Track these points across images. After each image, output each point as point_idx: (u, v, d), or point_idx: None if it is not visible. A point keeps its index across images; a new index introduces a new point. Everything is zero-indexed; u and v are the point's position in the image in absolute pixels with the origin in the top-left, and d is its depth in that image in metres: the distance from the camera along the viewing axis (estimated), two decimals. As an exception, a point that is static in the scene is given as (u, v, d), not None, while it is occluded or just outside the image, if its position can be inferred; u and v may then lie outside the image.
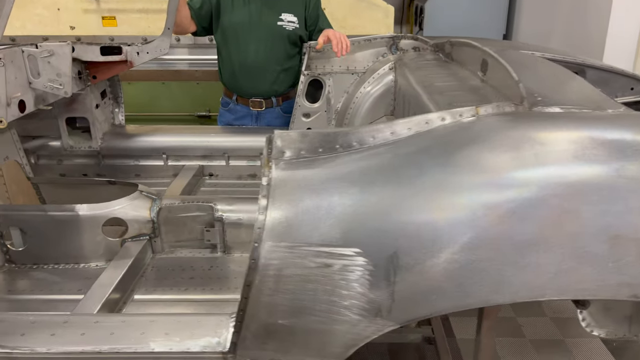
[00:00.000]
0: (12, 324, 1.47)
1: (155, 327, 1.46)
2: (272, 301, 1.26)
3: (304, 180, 1.26)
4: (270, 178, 1.26)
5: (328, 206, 1.23)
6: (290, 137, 1.29)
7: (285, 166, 1.27)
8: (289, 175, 1.26)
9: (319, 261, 1.22)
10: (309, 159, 1.28)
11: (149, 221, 2.33)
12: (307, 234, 1.22)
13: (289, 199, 1.24)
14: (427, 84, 2.21)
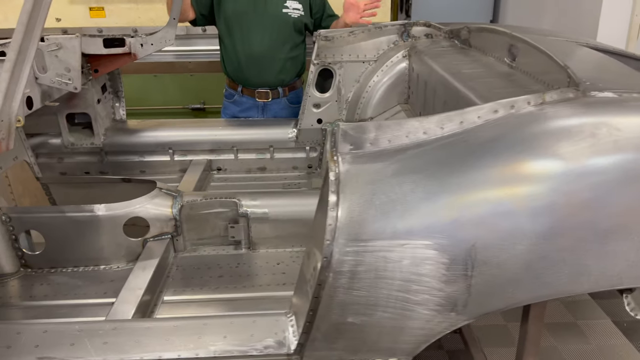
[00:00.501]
0: (58, 334, 1.39)
1: (210, 330, 1.40)
2: (345, 300, 1.22)
3: (375, 173, 1.21)
4: (337, 172, 1.21)
5: (402, 200, 1.18)
6: (356, 129, 1.24)
7: (353, 160, 1.23)
8: (357, 169, 1.21)
9: (393, 256, 1.18)
10: (376, 151, 1.23)
11: (171, 219, 2.25)
12: (381, 229, 1.18)
13: (360, 194, 1.19)
14: (454, 71, 2.17)
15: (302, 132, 3.18)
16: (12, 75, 1.25)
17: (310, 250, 1.36)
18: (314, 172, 3.26)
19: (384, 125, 1.25)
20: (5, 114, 1.29)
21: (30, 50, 1.28)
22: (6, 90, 1.26)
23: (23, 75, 1.29)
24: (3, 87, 1.25)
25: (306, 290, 1.35)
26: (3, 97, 1.25)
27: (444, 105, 2.15)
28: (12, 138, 1.36)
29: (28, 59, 1.28)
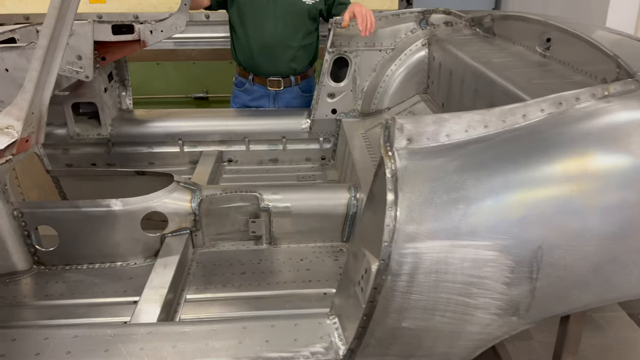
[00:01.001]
0: (90, 339, 1.31)
1: (251, 334, 1.33)
2: (402, 304, 1.15)
3: (435, 170, 1.14)
4: (394, 169, 1.13)
5: (464, 198, 1.11)
6: (412, 122, 1.16)
7: (410, 155, 1.15)
8: (416, 166, 1.14)
9: (455, 258, 1.12)
10: (435, 146, 1.16)
11: (190, 214, 2.17)
12: (443, 230, 1.11)
13: (419, 192, 1.12)
14: (484, 60, 2.10)
15: (316, 122, 3.09)
16: (44, 63, 1.15)
17: (358, 251, 1.29)
18: (327, 164, 3.18)
19: (443, 119, 1.17)
20: (36, 106, 1.19)
21: (63, 36, 1.18)
22: (37, 80, 1.16)
23: (55, 63, 1.19)
24: (34, 76, 1.15)
25: (354, 293, 1.28)
26: (34, 87, 1.15)
27: (474, 95, 2.07)
28: (42, 131, 1.27)
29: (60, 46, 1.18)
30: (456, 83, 2.31)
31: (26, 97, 1.16)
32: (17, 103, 1.17)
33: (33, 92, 1.16)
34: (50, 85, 1.24)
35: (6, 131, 1.12)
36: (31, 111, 1.18)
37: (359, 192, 2.22)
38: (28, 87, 1.15)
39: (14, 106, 1.17)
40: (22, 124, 1.14)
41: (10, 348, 1.28)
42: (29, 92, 1.15)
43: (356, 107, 3.08)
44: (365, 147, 2.63)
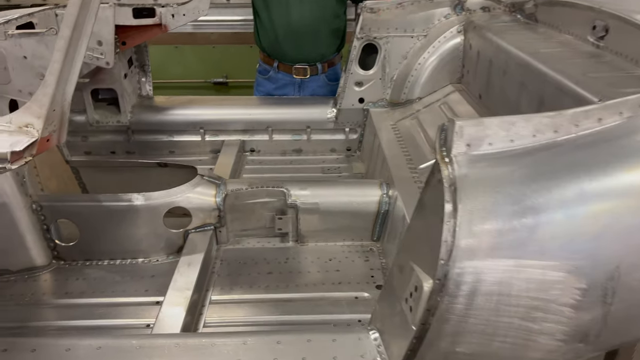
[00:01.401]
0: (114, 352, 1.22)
1: (287, 351, 1.23)
2: (458, 328, 1.04)
3: (498, 179, 1.01)
4: (453, 178, 1.01)
5: (532, 212, 0.99)
6: (474, 126, 1.04)
7: (471, 162, 1.03)
8: (477, 175, 1.02)
9: (520, 280, 1.00)
10: (499, 152, 1.03)
11: (214, 209, 2.07)
12: (507, 247, 0.99)
13: (481, 204, 1.00)
14: (531, 50, 1.94)
15: (342, 112, 2.96)
16: (67, 55, 1.04)
17: (405, 264, 1.17)
18: (353, 155, 3.05)
19: (508, 122, 1.04)
20: (57, 102, 1.09)
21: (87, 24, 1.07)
22: (59, 73, 1.05)
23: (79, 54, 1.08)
24: (56, 69, 1.04)
25: (400, 310, 1.17)
26: (56, 81, 1.05)
27: (520, 88, 1.93)
28: (64, 130, 1.16)
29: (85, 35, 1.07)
30: (497, 74, 2.16)
31: (47, 92, 1.05)
32: (37, 99, 1.07)
33: (55, 87, 1.05)
34: (74, 79, 1.13)
35: (25, 130, 1.02)
36: (52, 108, 1.07)
37: (391, 189, 2.10)
38: (49, 81, 1.05)
39: (34, 102, 1.07)
40: (43, 122, 1.04)
41: None
42: (51, 87, 1.05)
43: (385, 97, 2.94)
44: (395, 139, 2.50)
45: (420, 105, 2.76)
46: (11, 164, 0.99)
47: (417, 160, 2.23)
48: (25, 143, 1.00)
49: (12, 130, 1.02)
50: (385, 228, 2.12)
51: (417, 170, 2.14)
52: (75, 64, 1.09)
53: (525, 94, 1.89)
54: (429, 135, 2.40)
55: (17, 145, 0.99)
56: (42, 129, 1.03)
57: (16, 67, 1.60)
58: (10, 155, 0.98)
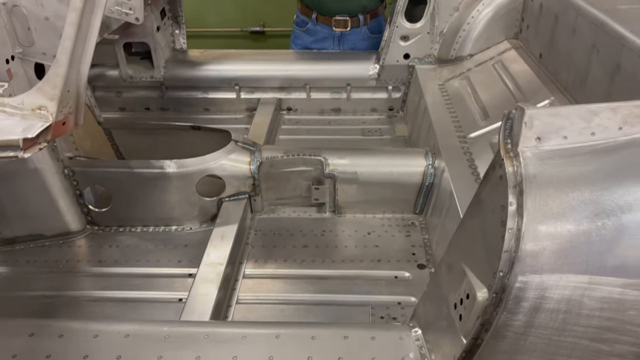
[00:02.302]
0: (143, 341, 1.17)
1: (321, 348, 1.15)
2: (515, 346, 0.92)
3: (575, 180, 0.86)
4: (520, 177, 0.86)
5: (613, 221, 0.84)
6: (547, 115, 0.87)
7: (542, 159, 0.87)
8: (549, 174, 0.86)
9: (593, 298, 0.86)
10: (576, 147, 0.87)
11: (249, 177, 1.97)
12: (581, 261, 0.85)
13: (552, 210, 0.85)
14: (606, 7, 1.70)
15: (385, 68, 2.77)
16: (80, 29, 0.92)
17: (455, 263, 1.05)
18: (395, 116, 2.88)
19: (590, 111, 0.87)
20: (72, 82, 0.98)
21: (100, -7, 0.93)
22: (72, 50, 0.93)
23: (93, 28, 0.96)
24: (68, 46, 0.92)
25: (447, 315, 1.06)
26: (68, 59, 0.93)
27: (591, 51, 1.70)
28: (81, 112, 1.06)
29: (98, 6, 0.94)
30: (564, 32, 1.92)
31: (60, 72, 0.94)
32: (49, 79, 0.96)
33: (68, 66, 0.94)
34: (89, 56, 1.01)
35: (38, 113, 0.92)
36: (67, 88, 0.97)
37: (437, 160, 1.94)
38: (61, 60, 0.93)
39: (46, 83, 0.96)
40: (57, 105, 0.94)
41: (57, 347, 1.16)
42: (63, 67, 0.93)
43: (432, 53, 2.72)
44: (443, 102, 2.31)
45: (472, 63, 2.53)
46: (24, 152, 0.90)
47: (466, 127, 2.05)
48: (39, 128, 0.90)
49: (25, 113, 0.93)
50: (429, 201, 1.99)
51: (467, 140, 1.97)
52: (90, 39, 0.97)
53: (597, 58, 1.67)
54: (481, 98, 2.20)
55: (31, 131, 0.90)
56: (56, 112, 0.93)
57: (38, 28, 1.49)
58: (22, 142, 0.89)
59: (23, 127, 0.90)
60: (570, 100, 1.83)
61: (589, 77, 1.73)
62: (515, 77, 2.18)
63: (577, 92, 1.82)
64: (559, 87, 1.95)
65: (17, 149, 0.89)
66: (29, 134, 0.89)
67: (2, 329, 1.20)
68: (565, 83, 1.91)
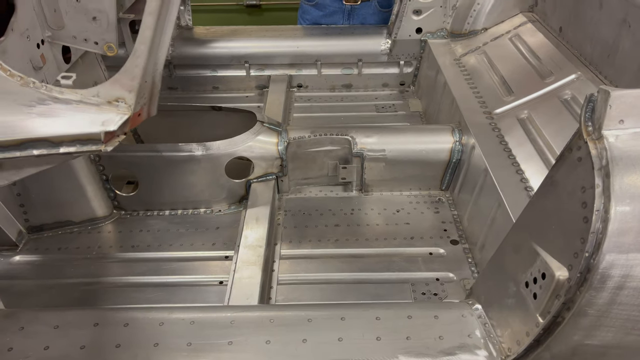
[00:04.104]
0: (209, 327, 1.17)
1: (387, 327, 1.17)
2: (596, 322, 0.95)
3: (660, 163, 0.88)
4: (605, 159, 0.88)
5: (697, 201, 0.86)
6: (631, 97, 0.89)
7: (627, 142, 0.89)
8: (634, 156, 0.88)
9: (674, 275, 0.89)
10: (663, 130, 0.89)
11: (277, 158, 1.96)
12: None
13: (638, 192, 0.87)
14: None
15: (398, 43, 2.75)
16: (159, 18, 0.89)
17: (524, 243, 1.07)
18: (407, 91, 2.88)
19: (674, 93, 0.89)
20: (149, 73, 0.95)
21: (179, -21, 0.90)
22: (151, 40, 0.90)
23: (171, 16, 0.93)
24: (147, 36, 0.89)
25: (516, 293, 1.09)
26: (148, 49, 0.90)
27: (621, 26, 1.71)
28: (155, 102, 1.03)
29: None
30: (589, 6, 1.93)
31: (139, 63, 0.91)
32: (127, 70, 0.93)
33: (147, 57, 0.91)
34: (165, 45, 0.98)
35: (116, 105, 0.90)
36: (144, 79, 0.94)
37: (464, 136, 1.96)
38: (140, 51, 0.90)
39: (124, 74, 0.93)
40: (135, 96, 0.91)
41: (125, 335, 1.16)
42: (142, 57, 0.90)
43: (445, 27, 2.71)
44: (462, 77, 2.31)
45: (487, 37, 2.53)
46: (105, 145, 0.88)
47: (490, 103, 2.06)
48: (118, 122, 0.88)
49: (101, 105, 0.90)
50: (457, 177, 2.01)
51: (493, 116, 1.98)
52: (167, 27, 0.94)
53: (627, 34, 1.68)
54: (501, 72, 2.21)
55: (110, 125, 0.87)
56: (134, 104, 0.90)
57: (69, 11, 1.44)
58: (104, 135, 0.87)
59: (102, 120, 0.88)
60: (597, 75, 1.85)
61: (618, 51, 1.74)
62: (536, 51, 2.19)
63: (604, 67, 1.83)
64: (583, 61, 1.96)
65: (99, 143, 0.87)
66: (109, 127, 0.87)
67: (64, 321, 1.19)
68: (590, 57, 1.92)
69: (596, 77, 1.85)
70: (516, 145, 1.80)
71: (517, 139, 1.83)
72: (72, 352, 1.12)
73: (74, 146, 0.87)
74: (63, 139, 0.87)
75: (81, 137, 0.87)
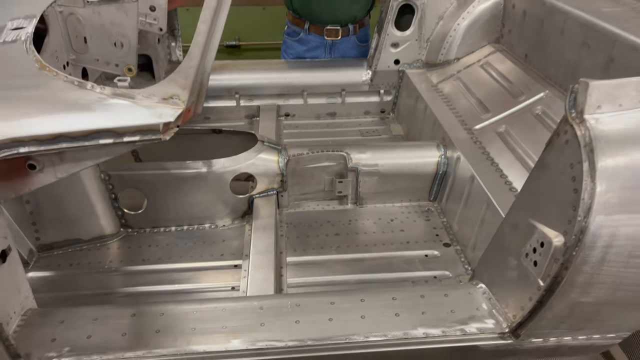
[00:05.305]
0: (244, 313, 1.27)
1: (405, 306, 1.29)
2: (590, 279, 1.11)
3: (633, 140, 1.06)
4: (588, 138, 1.06)
5: (665, 169, 1.04)
6: (607, 87, 1.08)
7: (606, 123, 1.07)
8: (611, 135, 1.06)
9: (651, 233, 1.06)
10: (632, 113, 1.08)
11: (278, 174, 2.09)
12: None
13: (617, 164, 1.05)
14: (592, 9, 1.97)
15: (378, 73, 2.97)
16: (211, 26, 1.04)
17: (521, 221, 1.23)
18: (387, 117, 3.08)
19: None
20: (200, 73, 1.09)
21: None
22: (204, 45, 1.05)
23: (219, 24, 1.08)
24: (200, 41, 1.04)
25: (516, 265, 1.24)
26: (201, 52, 1.04)
27: (581, 47, 1.96)
28: (202, 101, 1.17)
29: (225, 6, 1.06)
30: (551, 34, 2.19)
31: (192, 65, 1.05)
32: (181, 70, 1.07)
33: (200, 59, 1.05)
34: (214, 49, 1.13)
35: (171, 101, 1.02)
36: (196, 79, 1.07)
37: (449, 150, 2.15)
38: (194, 53, 1.04)
39: (178, 74, 1.07)
40: (188, 93, 1.04)
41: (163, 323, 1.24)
42: (195, 59, 1.05)
43: (420, 58, 2.95)
44: (442, 100, 2.53)
45: (460, 66, 2.78)
46: (163, 135, 1.00)
47: (470, 121, 2.27)
48: (174, 114, 1.00)
49: (157, 102, 1.03)
50: (444, 188, 2.18)
51: (473, 131, 2.18)
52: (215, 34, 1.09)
53: (588, 54, 1.93)
54: (476, 95, 2.43)
55: (167, 117, 1.00)
56: (187, 100, 1.03)
57: (94, 35, 1.57)
58: (162, 126, 0.99)
59: (159, 114, 1.00)
60: (563, 92, 2.09)
61: (580, 70, 1.99)
62: (506, 75, 2.43)
63: (569, 84, 2.05)
64: (549, 81, 2.20)
65: (158, 133, 0.99)
66: (167, 119, 0.99)
67: (102, 314, 1.27)
68: (555, 77, 2.17)
69: (562, 94, 2.09)
70: (497, 154, 1.99)
71: (498, 149, 2.03)
72: (115, 338, 1.19)
73: (136, 136, 0.99)
74: (126, 130, 0.99)
75: (142, 128, 0.99)
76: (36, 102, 1.05)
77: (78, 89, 1.06)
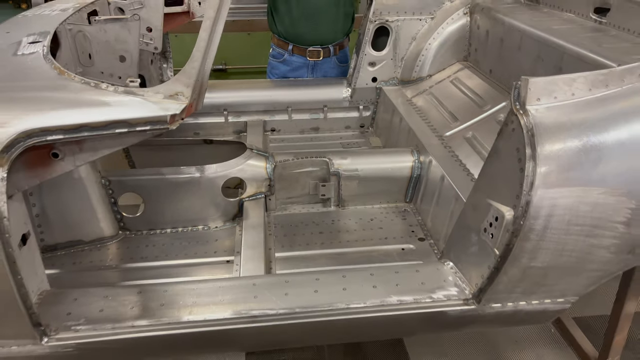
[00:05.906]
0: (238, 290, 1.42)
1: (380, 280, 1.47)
2: (536, 245, 1.29)
3: (566, 125, 1.27)
4: (530, 126, 1.26)
5: (595, 150, 1.25)
6: (543, 82, 1.29)
7: (543, 112, 1.28)
8: (549, 122, 1.27)
9: (586, 203, 1.26)
10: (565, 104, 1.29)
11: (265, 179, 2.27)
12: (576, 178, 1.25)
13: (554, 146, 1.25)
14: (543, 27, 2.22)
15: (357, 91, 3.19)
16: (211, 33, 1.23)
17: (479, 202, 1.42)
18: (366, 131, 3.29)
19: (570, 79, 1.30)
20: (201, 74, 1.27)
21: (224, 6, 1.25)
22: (205, 49, 1.24)
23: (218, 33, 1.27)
24: (202, 46, 1.23)
25: (477, 240, 1.42)
26: (202, 56, 1.23)
27: (536, 61, 2.20)
28: (202, 99, 1.35)
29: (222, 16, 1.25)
30: (510, 50, 2.43)
31: (195, 66, 1.24)
32: (185, 71, 1.25)
33: (201, 61, 1.24)
34: (212, 54, 1.32)
35: (176, 97, 1.21)
36: (198, 79, 1.26)
37: (422, 155, 2.35)
38: (196, 56, 1.23)
39: (183, 74, 1.25)
40: (191, 91, 1.22)
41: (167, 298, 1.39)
42: (197, 61, 1.23)
43: (396, 75, 3.18)
44: (415, 112, 2.75)
45: (432, 82, 3.01)
46: (170, 125, 1.17)
47: (440, 129, 2.48)
48: (179, 108, 1.19)
49: (164, 98, 1.21)
50: (418, 190, 2.38)
51: (444, 138, 2.39)
52: (214, 40, 1.28)
53: (541, 66, 2.17)
54: (447, 106, 2.66)
55: (173, 110, 1.18)
56: (190, 96, 1.22)
57: (99, 50, 1.75)
58: (169, 118, 1.17)
59: (167, 108, 1.18)
60: (522, 100, 2.32)
61: (536, 80, 2.22)
62: (473, 89, 2.67)
63: (527, 94, 2.31)
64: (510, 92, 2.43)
65: (165, 123, 1.17)
66: (173, 112, 1.17)
67: (111, 293, 1.41)
68: (516, 89, 2.40)
69: (522, 102, 2.31)
70: (465, 157, 2.20)
71: (466, 152, 2.24)
72: (125, 310, 1.34)
73: (147, 126, 1.16)
74: (139, 121, 1.16)
75: (152, 120, 1.17)
76: (60, 99, 1.23)
77: (94, 89, 1.24)
